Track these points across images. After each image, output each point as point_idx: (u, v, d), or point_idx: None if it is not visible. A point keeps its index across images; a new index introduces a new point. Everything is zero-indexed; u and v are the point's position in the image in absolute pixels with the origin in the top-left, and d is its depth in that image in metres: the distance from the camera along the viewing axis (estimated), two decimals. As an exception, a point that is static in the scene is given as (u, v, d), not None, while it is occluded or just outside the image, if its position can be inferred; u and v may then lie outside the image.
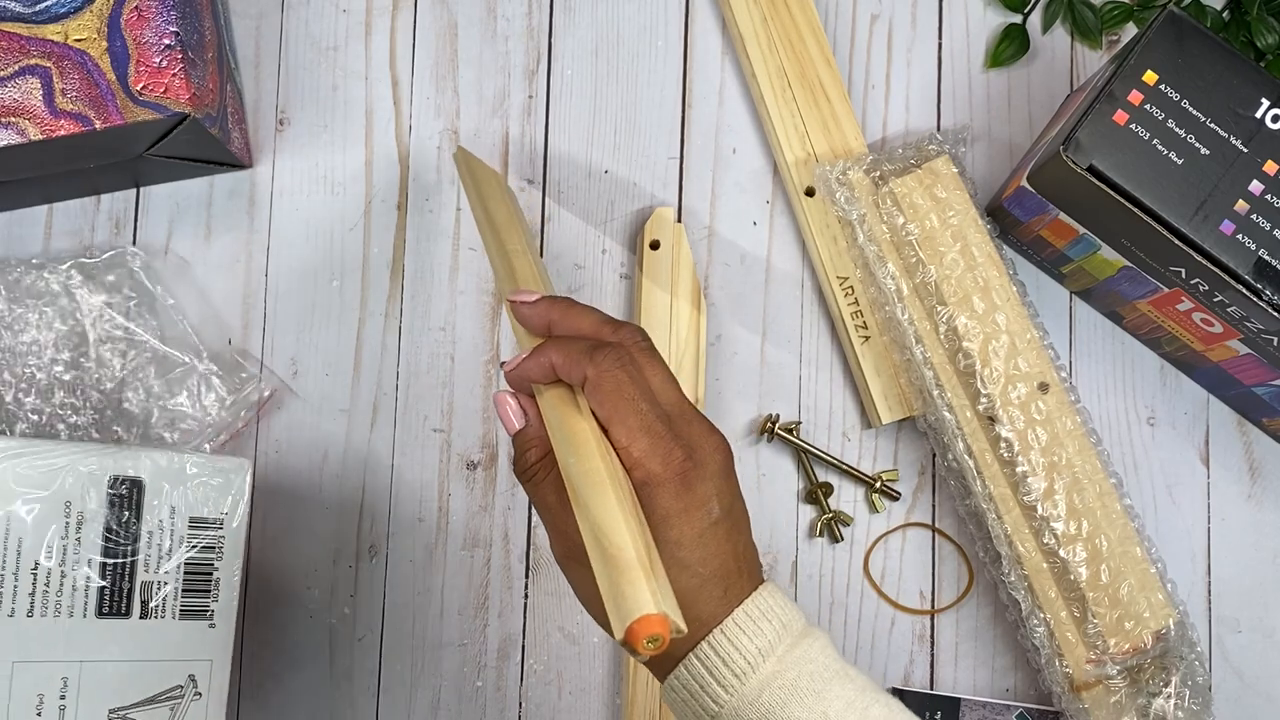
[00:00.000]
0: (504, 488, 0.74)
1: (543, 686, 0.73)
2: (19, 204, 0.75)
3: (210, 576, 0.63)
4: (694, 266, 0.74)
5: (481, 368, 0.75)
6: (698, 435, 0.48)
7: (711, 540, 0.47)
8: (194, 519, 0.63)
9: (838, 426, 0.75)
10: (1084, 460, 0.68)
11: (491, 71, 0.77)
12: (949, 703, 0.70)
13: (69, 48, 0.65)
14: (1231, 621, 0.73)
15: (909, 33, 0.78)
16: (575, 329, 0.51)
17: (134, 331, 0.73)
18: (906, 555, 0.74)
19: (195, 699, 0.62)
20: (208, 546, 0.63)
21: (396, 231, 0.76)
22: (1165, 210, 0.62)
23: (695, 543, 0.47)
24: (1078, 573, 0.67)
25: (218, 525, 0.63)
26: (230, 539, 0.63)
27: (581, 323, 0.51)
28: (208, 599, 0.62)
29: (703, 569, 0.47)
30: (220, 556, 0.63)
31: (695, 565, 0.47)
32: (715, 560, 0.47)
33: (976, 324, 0.69)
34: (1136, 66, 0.63)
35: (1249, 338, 0.65)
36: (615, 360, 0.48)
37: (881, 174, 0.72)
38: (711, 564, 0.47)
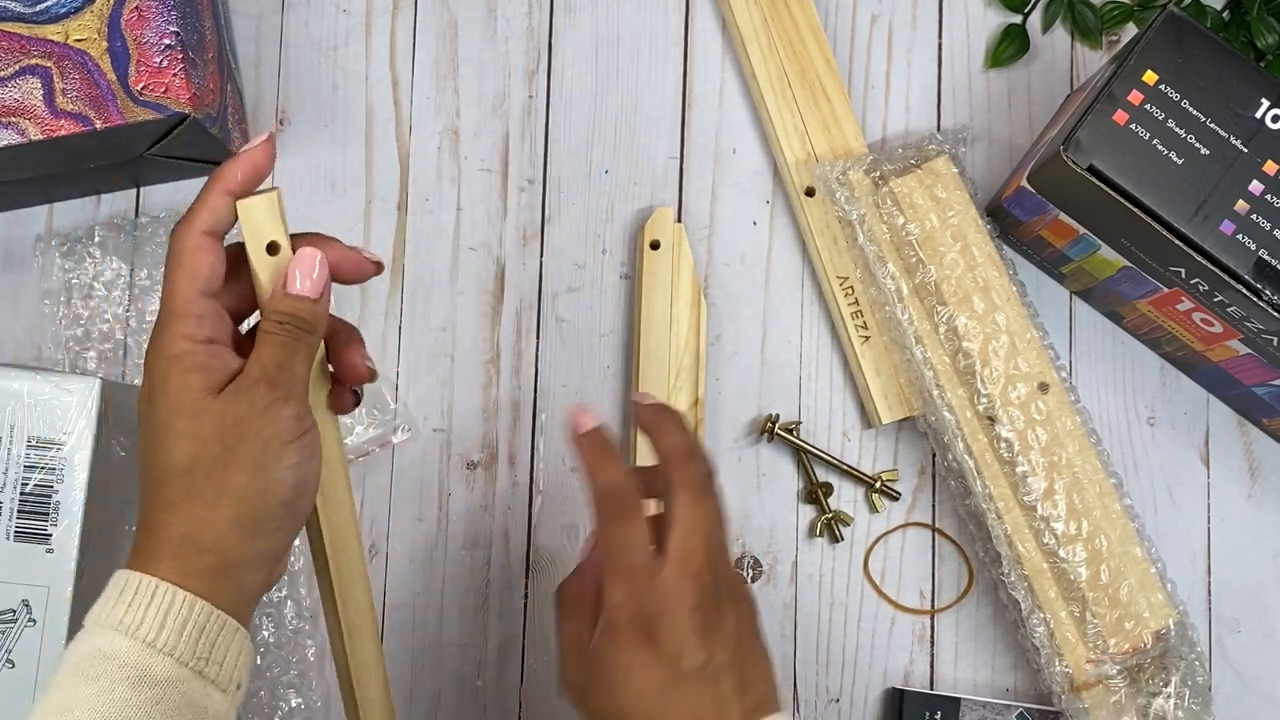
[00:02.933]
0: (504, 487, 0.74)
1: (543, 686, 0.73)
2: (19, 204, 0.75)
3: (49, 500, 0.60)
4: (694, 266, 0.74)
5: (481, 368, 0.75)
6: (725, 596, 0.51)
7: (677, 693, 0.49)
8: (33, 438, 0.60)
9: (838, 426, 0.75)
10: (1084, 460, 0.68)
11: (491, 71, 0.77)
12: (949, 703, 0.70)
13: (69, 48, 0.65)
14: (1231, 621, 0.73)
15: (909, 33, 0.78)
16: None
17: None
18: (906, 555, 0.74)
19: (29, 625, 0.59)
20: (48, 468, 0.60)
21: (396, 231, 0.76)
22: (1165, 210, 0.62)
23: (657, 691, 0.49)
24: (1078, 573, 0.67)
25: (58, 446, 0.60)
26: (71, 461, 0.60)
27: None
28: (45, 522, 0.60)
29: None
30: (60, 479, 0.60)
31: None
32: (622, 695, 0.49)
33: (976, 324, 0.69)
34: (1136, 66, 0.63)
35: (1249, 338, 0.65)
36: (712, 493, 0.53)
37: (881, 174, 0.72)
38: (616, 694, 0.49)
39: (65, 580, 0.59)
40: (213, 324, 0.47)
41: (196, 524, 0.46)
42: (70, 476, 0.60)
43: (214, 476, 0.46)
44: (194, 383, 0.46)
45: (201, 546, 0.46)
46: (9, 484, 0.59)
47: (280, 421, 0.46)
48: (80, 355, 0.74)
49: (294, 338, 0.47)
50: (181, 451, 0.46)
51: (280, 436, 0.46)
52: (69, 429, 0.60)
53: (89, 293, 0.74)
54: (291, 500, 0.47)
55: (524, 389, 0.75)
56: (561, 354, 0.75)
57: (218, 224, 0.48)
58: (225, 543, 0.46)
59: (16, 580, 0.59)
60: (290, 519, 0.48)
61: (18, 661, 0.59)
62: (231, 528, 0.46)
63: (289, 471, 0.47)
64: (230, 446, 0.46)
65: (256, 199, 0.47)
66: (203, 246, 0.48)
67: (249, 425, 0.46)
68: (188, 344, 0.47)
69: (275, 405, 0.46)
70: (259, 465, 0.46)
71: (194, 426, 0.46)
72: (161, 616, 0.44)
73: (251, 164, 0.49)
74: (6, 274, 0.75)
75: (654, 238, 0.73)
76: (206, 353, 0.47)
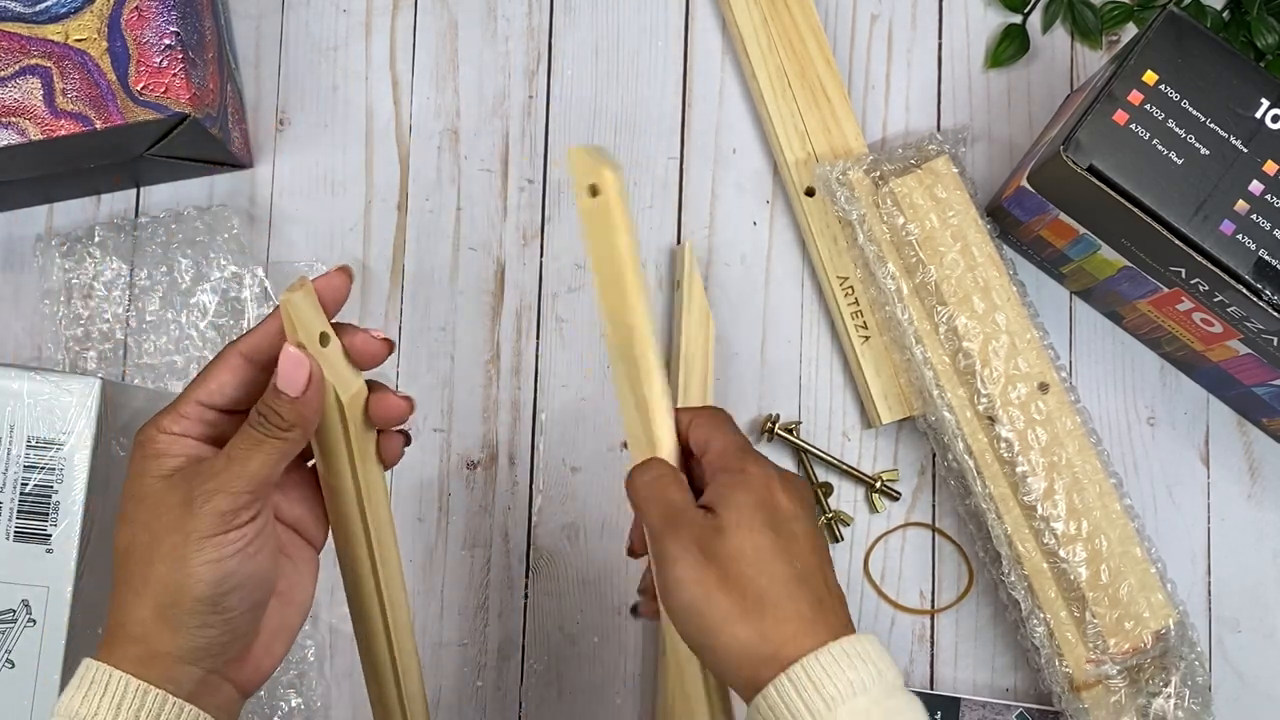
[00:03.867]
0: (504, 488, 0.74)
1: (543, 686, 0.73)
2: (19, 204, 0.75)
3: (49, 500, 0.60)
4: (704, 294, 0.73)
5: (481, 368, 0.75)
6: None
7: (780, 557, 0.48)
8: (33, 439, 0.60)
9: (838, 426, 0.75)
10: (1084, 460, 0.68)
11: (491, 71, 0.77)
12: (949, 703, 0.70)
13: (69, 48, 0.65)
14: (1231, 621, 0.73)
15: (909, 33, 0.78)
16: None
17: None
18: (906, 555, 0.74)
19: (29, 625, 0.59)
20: (47, 468, 0.60)
21: (396, 231, 0.76)
22: (1165, 210, 0.62)
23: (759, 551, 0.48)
24: (1078, 573, 0.67)
25: (58, 446, 0.60)
26: (71, 462, 0.60)
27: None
28: (45, 523, 0.59)
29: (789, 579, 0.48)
30: (60, 479, 0.60)
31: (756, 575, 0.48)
32: (786, 576, 0.48)
33: (976, 324, 0.69)
34: (1136, 66, 0.63)
35: (1249, 338, 0.65)
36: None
37: (881, 174, 0.72)
38: (776, 579, 0.48)
39: (65, 580, 0.59)
40: (190, 424, 0.48)
41: (124, 611, 0.46)
42: (70, 476, 0.60)
43: (141, 565, 0.46)
44: (147, 468, 0.47)
45: (129, 635, 0.46)
46: (9, 484, 0.59)
47: (203, 516, 0.45)
48: (80, 355, 0.74)
49: (264, 433, 0.46)
50: (122, 536, 0.47)
51: (201, 530, 0.45)
52: (69, 429, 0.60)
53: (89, 293, 0.74)
54: (212, 597, 0.46)
55: (524, 389, 0.75)
56: (561, 354, 0.75)
57: (257, 348, 0.48)
58: (149, 633, 0.46)
59: (16, 580, 0.59)
60: (215, 615, 0.46)
61: (17, 662, 0.59)
62: (154, 619, 0.45)
63: (207, 568, 0.45)
64: (158, 535, 0.46)
65: (297, 295, 0.46)
66: (227, 364, 0.48)
67: (177, 516, 0.46)
68: (154, 432, 0.47)
69: (203, 497, 0.45)
70: (180, 558, 0.45)
71: (135, 511, 0.46)
72: (114, 706, 0.45)
73: (328, 286, 0.49)
74: (6, 274, 0.75)
75: (591, 181, 0.49)
76: (167, 441, 0.47)
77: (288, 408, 0.46)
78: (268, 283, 0.75)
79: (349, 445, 0.49)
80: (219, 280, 0.74)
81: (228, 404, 0.48)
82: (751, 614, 0.47)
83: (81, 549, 0.59)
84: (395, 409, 0.51)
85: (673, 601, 0.48)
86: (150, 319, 0.74)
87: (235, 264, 0.74)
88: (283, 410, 0.46)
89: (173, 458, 0.47)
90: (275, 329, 0.48)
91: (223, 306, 0.74)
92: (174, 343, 0.74)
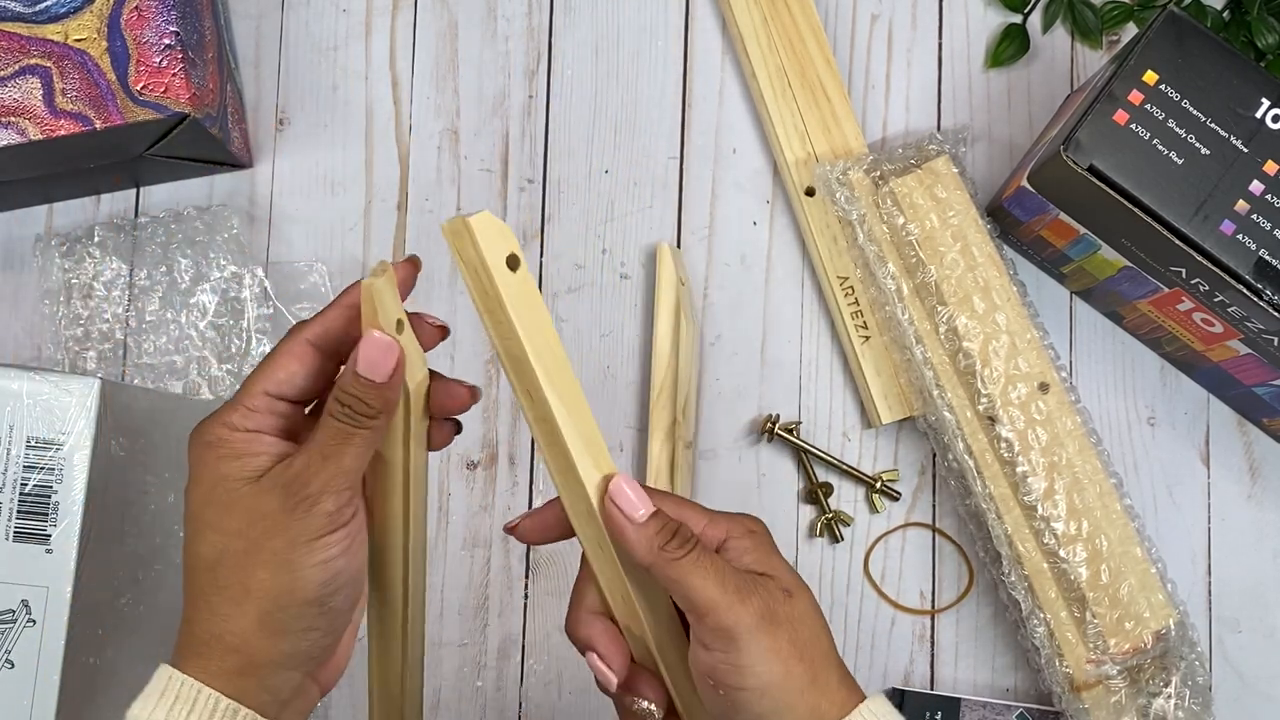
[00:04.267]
0: (504, 488, 0.74)
1: (543, 686, 0.73)
2: (19, 204, 0.75)
3: (48, 500, 0.59)
4: (676, 287, 0.73)
5: (482, 368, 0.75)
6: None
7: (823, 618, 0.47)
8: (32, 439, 0.59)
9: (838, 426, 0.75)
10: (1084, 460, 0.68)
11: (491, 71, 0.77)
12: (949, 703, 0.70)
13: (69, 48, 0.65)
14: (1231, 621, 0.73)
15: (909, 33, 0.78)
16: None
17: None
18: (906, 555, 0.74)
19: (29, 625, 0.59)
20: (46, 468, 0.59)
21: (396, 231, 0.76)
22: (1165, 210, 0.62)
23: (815, 610, 0.47)
24: (1078, 573, 0.67)
25: (57, 446, 0.59)
26: (70, 462, 0.59)
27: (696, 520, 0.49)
28: (45, 523, 0.59)
29: (820, 649, 0.47)
30: (60, 480, 0.59)
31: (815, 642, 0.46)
32: (830, 637, 0.47)
33: (976, 324, 0.69)
34: (1137, 66, 0.63)
35: (1249, 338, 0.65)
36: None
37: (881, 174, 0.72)
38: (829, 638, 0.47)
39: (65, 580, 0.59)
40: (262, 418, 0.45)
41: (221, 621, 0.44)
42: (69, 477, 0.60)
43: (239, 572, 0.44)
44: (228, 471, 0.44)
45: (227, 646, 0.44)
46: (8, 484, 0.59)
47: (311, 517, 0.44)
48: (80, 355, 0.74)
49: (352, 424, 0.44)
50: (209, 544, 0.44)
51: (308, 532, 0.44)
52: (68, 429, 0.60)
53: (89, 293, 0.74)
54: (320, 598, 0.44)
55: (524, 389, 0.75)
56: (561, 354, 0.75)
57: (325, 335, 0.46)
58: (251, 643, 0.44)
59: (16, 580, 0.59)
60: (322, 618, 0.45)
61: (17, 662, 0.59)
62: (255, 628, 0.44)
63: (316, 569, 0.44)
64: (256, 542, 0.44)
65: (380, 280, 0.44)
66: (294, 351, 0.46)
67: (277, 520, 0.44)
68: (225, 431, 0.45)
69: (309, 500, 0.44)
70: (285, 562, 0.44)
71: (222, 519, 0.44)
72: (188, 716, 0.43)
73: (401, 273, 0.47)
74: (6, 274, 0.75)
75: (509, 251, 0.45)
76: (244, 440, 0.45)
77: (374, 394, 0.44)
78: (267, 283, 0.75)
79: (406, 433, 0.47)
80: (219, 280, 0.74)
81: (297, 394, 0.46)
82: (820, 678, 0.46)
83: (81, 549, 0.59)
84: (458, 398, 0.48)
85: (747, 679, 0.45)
86: (150, 319, 0.74)
87: (235, 264, 0.74)
88: (369, 397, 0.44)
89: (254, 457, 0.45)
90: (342, 315, 0.46)
91: (222, 306, 0.74)
92: (173, 343, 0.74)
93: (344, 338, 0.46)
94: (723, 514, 0.49)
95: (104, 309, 0.74)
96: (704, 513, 0.48)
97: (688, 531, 0.46)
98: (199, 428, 0.46)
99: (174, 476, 0.68)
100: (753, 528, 0.48)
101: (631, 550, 0.46)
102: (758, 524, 0.49)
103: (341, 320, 0.46)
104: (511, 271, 0.44)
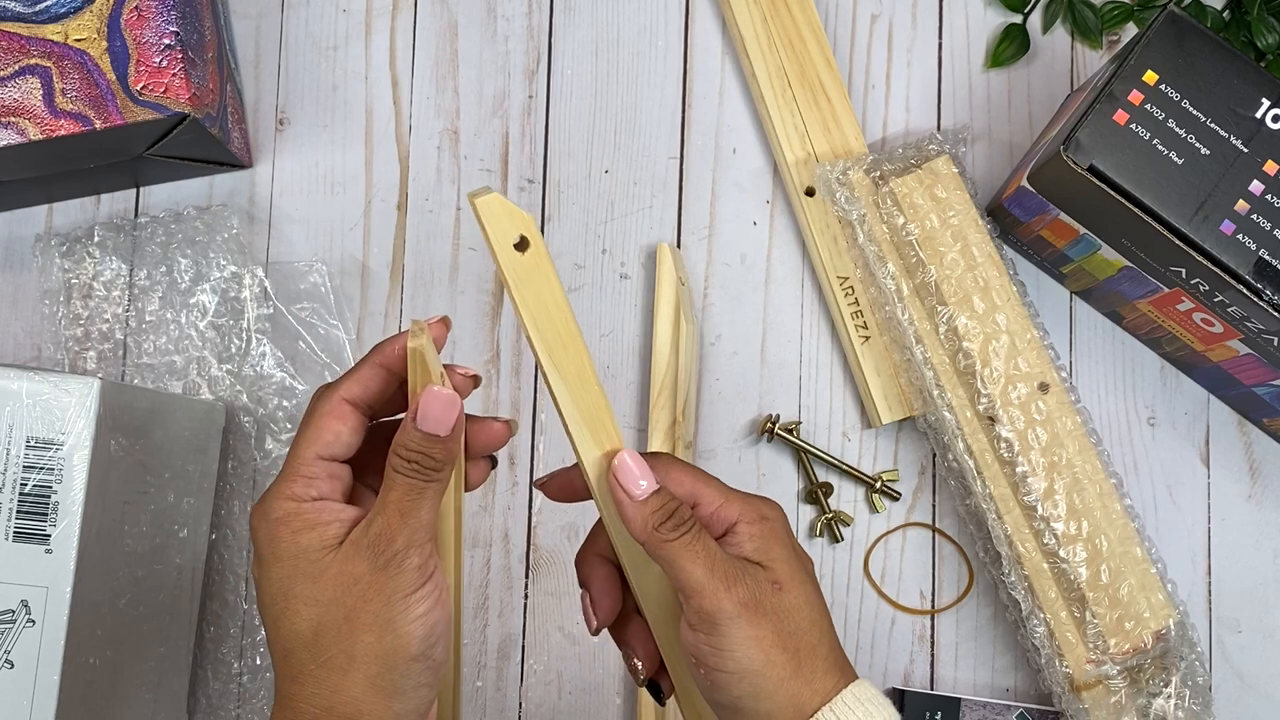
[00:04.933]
0: (504, 488, 0.74)
1: (543, 686, 0.73)
2: (19, 204, 0.75)
3: (48, 500, 0.59)
4: (676, 286, 0.73)
5: (481, 368, 0.75)
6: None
7: (821, 607, 0.47)
8: (32, 439, 0.59)
9: (838, 426, 0.75)
10: (1084, 460, 0.68)
11: (491, 71, 0.77)
12: (949, 703, 0.70)
13: (69, 48, 0.65)
14: (1231, 621, 0.73)
15: (909, 33, 0.78)
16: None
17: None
18: (906, 555, 0.74)
19: (28, 626, 0.59)
20: (46, 468, 0.59)
21: (396, 231, 0.76)
22: (1165, 210, 0.62)
23: (810, 604, 0.47)
24: (1078, 573, 0.67)
25: (57, 446, 0.59)
26: (70, 462, 0.59)
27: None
28: (44, 523, 0.59)
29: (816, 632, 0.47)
30: (60, 480, 0.59)
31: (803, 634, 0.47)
32: (826, 625, 0.48)
33: (976, 324, 0.69)
34: (1137, 66, 0.63)
35: (1249, 338, 0.65)
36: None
37: (881, 174, 0.72)
38: (822, 631, 0.47)
39: (64, 580, 0.59)
40: (323, 484, 0.46)
41: (331, 693, 0.44)
42: (69, 477, 0.60)
43: (342, 641, 0.44)
44: (308, 543, 0.44)
45: (340, 716, 0.44)
46: (8, 484, 0.59)
47: (403, 574, 0.44)
48: (80, 355, 0.74)
49: (423, 479, 0.45)
50: (304, 619, 0.44)
51: (403, 589, 0.44)
52: (68, 429, 0.60)
53: (88, 293, 0.74)
54: (425, 652, 0.45)
55: (524, 389, 0.75)
56: (561, 354, 0.75)
57: (362, 394, 0.47)
58: (364, 709, 0.44)
59: (15, 581, 0.59)
60: (427, 671, 0.45)
61: (16, 662, 0.59)
62: (367, 693, 0.44)
63: (418, 624, 0.44)
64: (354, 608, 0.44)
65: (423, 340, 0.45)
66: (335, 413, 0.46)
67: (370, 582, 0.44)
68: (293, 504, 0.45)
69: (398, 558, 0.44)
70: (386, 622, 0.44)
71: (314, 591, 0.44)
72: None
73: (435, 332, 0.47)
74: (6, 274, 0.75)
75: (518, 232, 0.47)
76: (314, 510, 0.45)
77: (439, 448, 0.45)
78: (267, 283, 0.75)
79: (454, 479, 0.48)
80: (218, 280, 0.74)
81: (346, 453, 0.46)
82: (804, 669, 0.46)
83: (81, 549, 0.59)
84: (496, 436, 0.49)
85: (726, 662, 0.45)
86: (150, 319, 0.74)
87: (235, 264, 0.74)
88: (435, 451, 0.45)
89: (328, 526, 0.45)
90: (375, 375, 0.47)
91: (222, 306, 0.74)
92: (173, 343, 0.74)
93: (381, 396, 0.47)
94: (740, 495, 0.49)
95: (104, 309, 0.74)
96: (721, 492, 0.49)
97: (685, 513, 0.47)
98: (262, 507, 0.46)
99: (174, 476, 0.68)
100: (766, 514, 0.48)
101: (628, 525, 0.47)
102: (774, 509, 0.49)
103: (377, 379, 0.47)
104: (519, 253, 0.45)
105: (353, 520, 0.45)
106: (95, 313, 0.74)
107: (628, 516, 0.47)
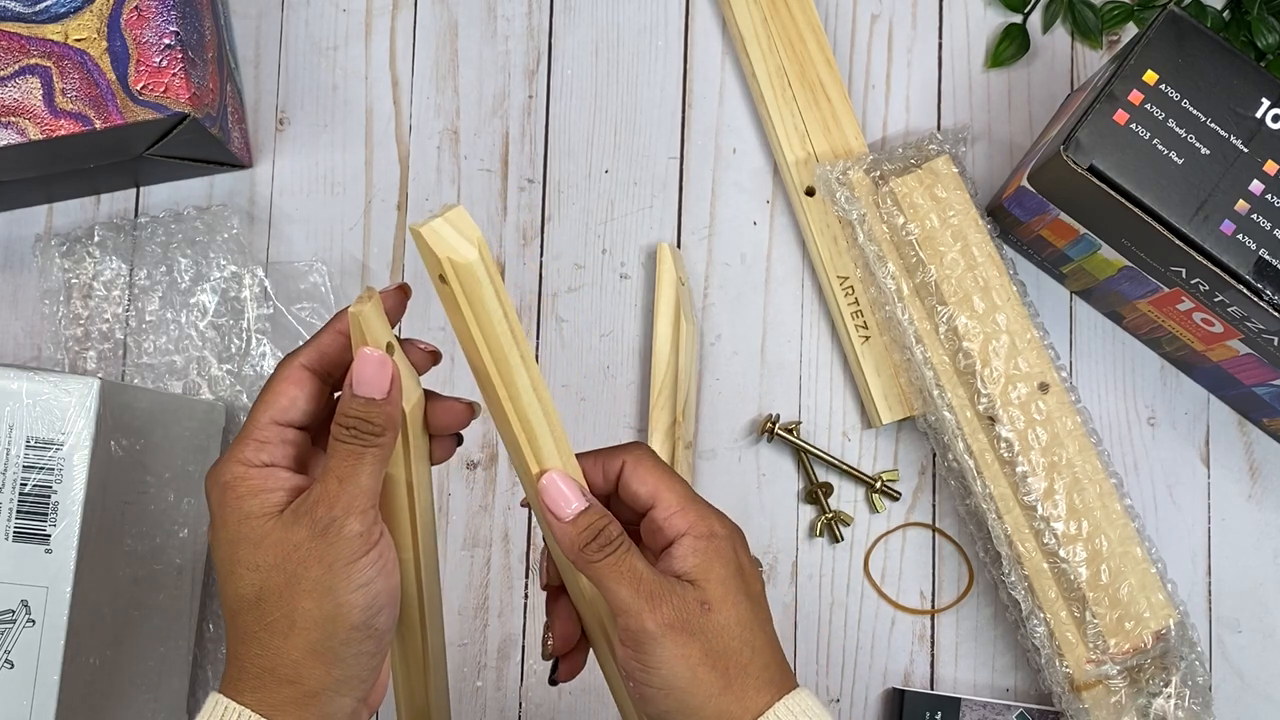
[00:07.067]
0: (504, 488, 0.74)
1: (543, 686, 0.73)
2: (19, 204, 0.75)
3: (48, 500, 0.59)
4: (677, 286, 0.73)
5: (481, 368, 0.75)
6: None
7: (757, 625, 0.47)
8: (32, 439, 0.59)
9: (838, 426, 0.75)
10: (1084, 460, 0.68)
11: (491, 71, 0.77)
12: (949, 703, 0.70)
13: (69, 47, 0.65)
14: (1231, 621, 0.73)
15: (909, 33, 0.78)
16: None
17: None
18: (906, 555, 0.74)
19: (28, 626, 0.59)
20: (46, 468, 0.59)
21: (396, 231, 0.76)
22: (1165, 210, 0.62)
23: (742, 624, 0.47)
24: (1078, 573, 0.67)
25: (57, 446, 0.60)
26: (70, 462, 0.59)
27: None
28: (44, 523, 0.59)
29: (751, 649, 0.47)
30: (59, 479, 0.59)
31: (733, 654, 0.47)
32: (762, 643, 0.47)
33: (976, 324, 0.69)
34: (1137, 66, 0.63)
35: (1249, 338, 0.65)
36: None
37: (881, 174, 0.72)
38: (755, 649, 0.47)
39: (64, 580, 0.59)
40: (275, 449, 0.46)
41: (272, 655, 0.44)
42: (69, 477, 0.60)
43: (283, 605, 0.44)
44: (250, 508, 0.45)
45: (280, 678, 0.44)
46: (8, 484, 0.59)
47: (342, 541, 0.44)
48: (80, 355, 0.74)
49: (360, 444, 0.45)
50: (247, 583, 0.45)
51: (344, 557, 0.44)
52: (68, 429, 0.60)
53: (88, 293, 0.74)
54: (365, 621, 0.45)
55: (524, 389, 0.75)
56: (561, 354, 0.75)
57: (320, 360, 0.47)
58: (303, 673, 0.44)
59: (15, 580, 0.59)
60: (369, 640, 0.45)
61: (16, 662, 0.59)
62: (307, 658, 0.44)
63: (359, 593, 0.45)
64: (294, 574, 0.44)
65: (367, 306, 0.45)
66: (293, 378, 0.46)
67: (311, 549, 0.44)
68: (241, 468, 0.45)
69: (336, 524, 0.44)
70: (326, 589, 0.44)
71: (255, 556, 0.45)
72: None
73: (390, 299, 0.48)
74: (6, 274, 0.75)
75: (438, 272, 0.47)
76: (260, 476, 0.45)
77: (375, 412, 0.45)
78: (267, 283, 0.75)
79: (406, 450, 0.48)
80: (218, 280, 0.74)
81: (302, 420, 0.47)
82: (735, 686, 0.46)
83: (81, 549, 0.59)
84: (458, 415, 0.49)
85: (652, 678, 0.46)
86: (150, 319, 0.74)
87: (235, 264, 0.74)
88: (372, 415, 0.45)
89: (272, 493, 0.45)
90: (334, 341, 0.47)
91: (222, 306, 0.74)
92: (173, 342, 0.74)
93: (338, 362, 0.47)
94: (698, 506, 0.48)
95: (104, 309, 0.74)
96: (681, 499, 0.48)
97: (613, 532, 0.47)
98: (214, 470, 0.46)
99: (174, 476, 0.68)
100: (717, 530, 0.48)
101: (559, 544, 0.48)
102: (725, 526, 0.48)
103: (335, 345, 0.47)
104: (444, 284, 0.45)
105: (298, 488, 0.46)
106: (95, 313, 0.74)
107: (556, 536, 0.47)
